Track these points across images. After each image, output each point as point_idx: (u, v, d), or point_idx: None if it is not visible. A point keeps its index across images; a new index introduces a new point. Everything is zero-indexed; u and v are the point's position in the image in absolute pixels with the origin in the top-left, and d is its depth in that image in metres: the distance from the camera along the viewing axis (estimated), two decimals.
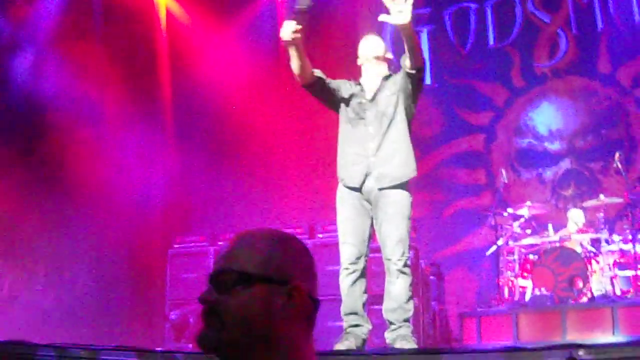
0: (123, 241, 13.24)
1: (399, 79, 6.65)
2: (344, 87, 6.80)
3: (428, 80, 14.51)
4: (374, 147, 6.51)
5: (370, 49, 6.83)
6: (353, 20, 14.35)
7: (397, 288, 6.34)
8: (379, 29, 13.94)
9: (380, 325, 6.95)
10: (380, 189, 6.45)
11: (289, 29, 6.32)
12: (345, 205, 6.60)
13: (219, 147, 15.28)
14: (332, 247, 10.98)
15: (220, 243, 12.32)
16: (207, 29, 14.97)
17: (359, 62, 6.89)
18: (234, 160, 15.15)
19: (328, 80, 6.78)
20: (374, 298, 7.39)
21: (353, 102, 6.71)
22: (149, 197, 13.99)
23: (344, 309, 6.51)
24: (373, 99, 6.65)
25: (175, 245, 12.58)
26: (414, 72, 6.48)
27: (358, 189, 6.53)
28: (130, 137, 13.70)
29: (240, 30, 15.24)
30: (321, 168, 14.42)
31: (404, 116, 6.61)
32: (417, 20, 14.92)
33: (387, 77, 6.76)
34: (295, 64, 6.53)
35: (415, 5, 6.27)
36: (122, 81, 13.73)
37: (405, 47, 6.42)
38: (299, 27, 6.33)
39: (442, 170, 14.21)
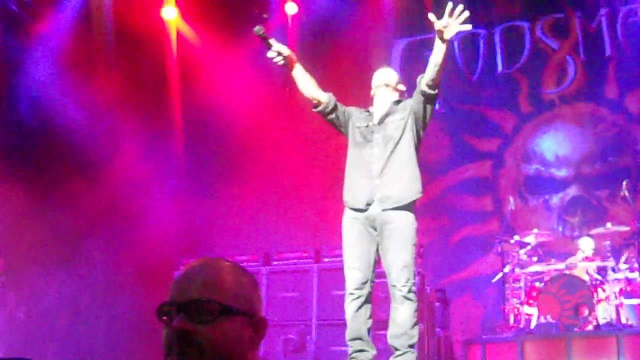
0: (129, 262, 13.26)
1: (410, 103, 6.70)
2: (355, 113, 6.89)
3: (436, 105, 14.52)
4: (379, 168, 6.55)
5: (383, 78, 6.90)
6: (364, 49, 14.40)
7: (402, 314, 6.34)
8: (388, 57, 14.04)
9: (385, 350, 6.95)
10: (384, 210, 6.46)
11: (270, 55, 6.71)
12: (351, 230, 6.62)
13: (227, 168, 15.33)
14: (338, 272, 10.98)
15: None
16: (218, 51, 15.01)
17: (372, 93, 6.96)
18: (241, 182, 15.17)
19: (339, 105, 6.86)
20: (379, 324, 7.40)
21: (362, 126, 6.75)
22: (156, 218, 14.01)
23: (348, 334, 6.52)
24: (381, 122, 6.70)
25: (182, 267, 12.59)
26: (432, 91, 6.54)
27: (362, 211, 6.55)
28: (140, 157, 13.74)
29: (250, 52, 15.26)
30: (328, 192, 14.37)
31: (411, 140, 6.64)
32: (425, 45, 15.00)
33: (397, 102, 6.82)
34: (299, 86, 6.81)
35: (422, 30, 6.46)
36: (133, 102, 13.78)
37: (433, 63, 6.54)
38: (279, 50, 6.81)
39: (449, 197, 14.19)
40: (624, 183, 10.77)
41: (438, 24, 6.33)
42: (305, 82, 6.80)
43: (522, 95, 14.60)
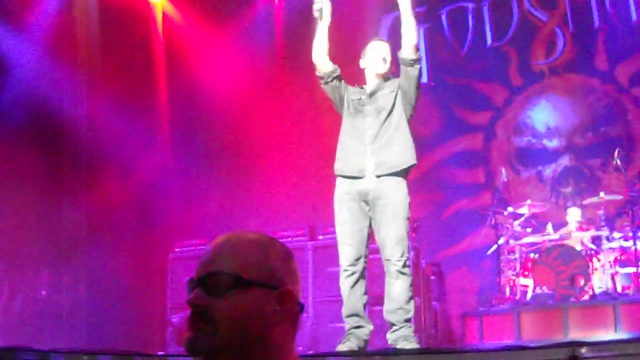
0: (123, 245, 13.23)
1: (398, 81, 6.72)
2: (350, 88, 6.94)
3: (425, 79, 14.51)
4: (373, 134, 6.60)
5: (383, 51, 6.90)
6: (353, 24, 14.35)
7: (397, 289, 6.35)
8: (377, 32, 14.01)
9: (381, 326, 6.96)
10: (379, 177, 6.46)
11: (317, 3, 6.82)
12: (343, 206, 6.62)
13: (217, 149, 15.30)
14: (333, 249, 10.96)
15: None
16: (204, 33, 14.97)
17: (361, 64, 6.97)
18: (233, 162, 15.16)
19: (339, 79, 6.94)
20: (375, 299, 7.39)
21: (355, 99, 6.77)
22: (148, 201, 14.00)
23: (345, 310, 6.52)
24: (372, 95, 6.74)
25: (176, 249, 12.60)
26: (412, 56, 6.61)
27: (355, 178, 6.56)
28: (128, 141, 13.69)
29: (237, 34, 15.24)
30: (321, 169, 14.39)
31: (402, 112, 6.70)
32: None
33: (385, 79, 6.84)
34: (317, 43, 6.91)
35: (416, 4, 6.48)
36: (120, 84, 13.73)
37: (403, 22, 6.82)
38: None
39: (441, 170, 14.17)
40: (616, 152, 10.78)
41: None
42: (324, 43, 6.93)
43: (512, 68, 14.57)
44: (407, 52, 6.68)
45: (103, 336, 12.00)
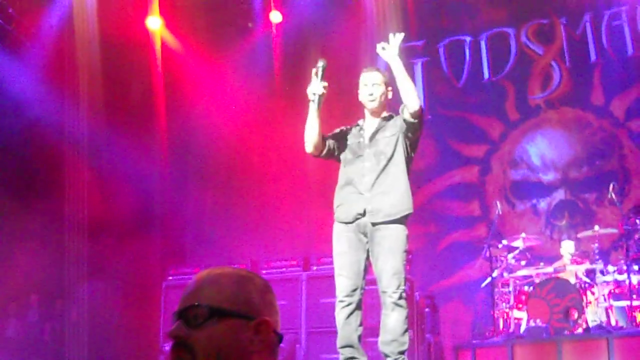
0: (118, 272, 13.23)
1: (399, 122, 6.67)
2: (350, 135, 6.86)
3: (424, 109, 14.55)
4: (370, 181, 6.51)
5: (363, 85, 6.81)
6: (349, 56, 14.41)
7: (393, 321, 6.33)
8: (373, 64, 14.05)
9: (375, 358, 6.94)
10: (374, 224, 6.45)
11: (317, 84, 6.55)
12: (341, 238, 6.59)
13: (213, 177, 15.36)
14: (326, 280, 11.03)
15: None
16: (203, 61, 15.05)
17: (360, 97, 6.86)
18: (228, 190, 15.19)
19: (329, 142, 6.82)
20: (369, 330, 7.38)
21: (352, 144, 6.72)
22: (143, 227, 14.00)
23: (339, 341, 6.50)
24: (372, 138, 6.66)
25: (170, 277, 12.59)
26: (413, 120, 6.53)
27: (352, 222, 6.53)
28: (126, 167, 13.73)
29: (236, 62, 15.30)
30: (316, 200, 14.42)
31: (402, 156, 6.61)
32: (411, 52, 14.99)
33: (387, 118, 6.79)
34: (310, 128, 6.63)
35: (409, 38, 6.40)
36: (119, 111, 13.79)
37: (399, 87, 6.58)
38: (325, 84, 6.59)
39: (436, 203, 14.19)
40: (611, 186, 10.76)
41: (382, 54, 6.54)
42: (317, 134, 6.66)
43: (509, 102, 14.63)
44: (407, 116, 6.56)
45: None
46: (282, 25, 15.27)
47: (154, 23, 14.71)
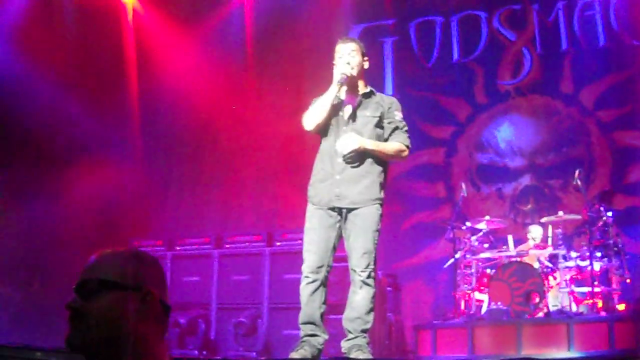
0: (79, 243, 13.15)
1: (384, 105, 6.64)
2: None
3: (390, 91, 14.56)
4: (342, 163, 6.46)
5: (352, 45, 6.72)
6: (322, 33, 14.38)
7: (359, 299, 6.31)
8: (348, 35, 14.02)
9: (335, 335, 6.92)
10: (341, 209, 6.43)
11: (345, 65, 6.50)
12: (314, 214, 6.54)
13: (180, 150, 15.27)
14: (290, 256, 11.03)
15: (177, 248, 12.31)
16: (174, 34, 14.96)
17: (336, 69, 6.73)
18: (194, 165, 15.15)
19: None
20: (331, 307, 7.36)
21: (332, 117, 6.64)
22: (108, 199, 13.92)
23: (301, 317, 6.46)
24: (351, 116, 6.59)
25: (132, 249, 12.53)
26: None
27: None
28: (95, 139, 13.67)
29: (207, 35, 15.23)
30: (281, 176, 14.42)
31: (381, 138, 6.58)
32: (381, 31, 15.00)
33: (367, 94, 6.72)
34: (322, 109, 6.53)
35: (380, 16, 6.33)
36: (88, 80, 13.71)
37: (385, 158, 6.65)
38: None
39: (402, 183, 14.16)
40: (577, 172, 10.80)
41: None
42: (329, 111, 6.55)
43: (478, 86, 14.65)
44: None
45: (58, 335, 11.92)
46: (255, 0, 15.23)
47: None
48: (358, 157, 6.44)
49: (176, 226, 14.24)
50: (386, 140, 6.60)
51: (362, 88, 6.72)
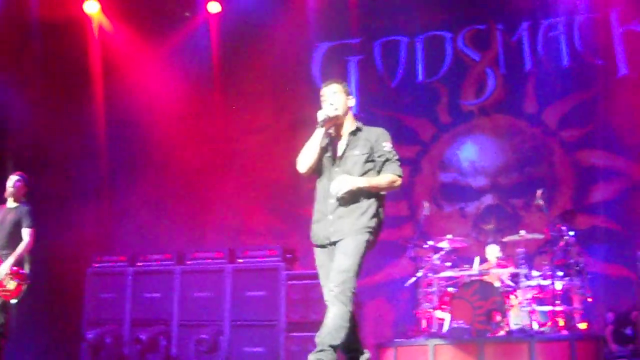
0: (41, 258, 13.03)
1: (372, 140, 6.62)
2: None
3: (354, 110, 14.55)
4: (334, 203, 6.46)
5: (334, 87, 6.73)
6: (287, 50, 14.42)
7: (330, 315, 6.31)
8: (309, 60, 14.05)
9: (298, 352, 6.91)
10: (334, 242, 6.44)
11: (328, 107, 6.46)
12: (316, 253, 6.58)
13: (144, 165, 15.21)
14: (252, 273, 11.02)
15: (139, 264, 12.27)
16: (139, 49, 14.92)
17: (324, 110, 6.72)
18: (159, 181, 15.07)
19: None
20: (292, 326, 7.36)
21: (324, 157, 6.63)
22: (70, 213, 13.84)
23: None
24: (341, 157, 6.58)
25: (95, 265, 12.49)
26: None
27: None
28: (57, 149, 13.61)
29: (172, 52, 15.19)
30: (245, 193, 14.40)
31: (371, 173, 6.57)
32: (346, 49, 15.03)
33: (355, 132, 6.66)
34: (312, 152, 6.48)
35: (345, 35, 6.31)
36: (52, 94, 13.68)
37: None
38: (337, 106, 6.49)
39: None
40: (539, 192, 10.86)
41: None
42: (318, 153, 6.49)
43: (442, 105, 14.72)
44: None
45: (16, 350, 11.78)
46: (220, 15, 15.20)
47: (91, 7, 14.63)
48: (351, 196, 6.44)
49: (140, 242, 14.16)
50: (379, 172, 6.59)
51: (350, 126, 6.66)
